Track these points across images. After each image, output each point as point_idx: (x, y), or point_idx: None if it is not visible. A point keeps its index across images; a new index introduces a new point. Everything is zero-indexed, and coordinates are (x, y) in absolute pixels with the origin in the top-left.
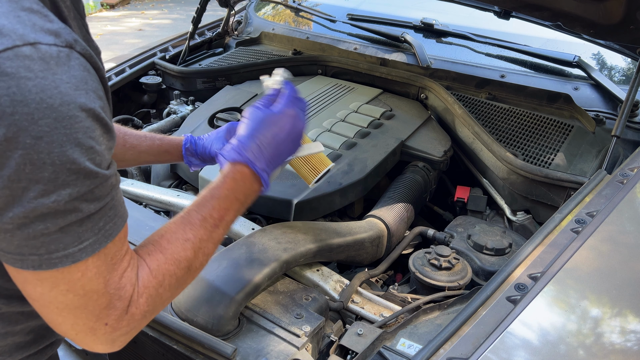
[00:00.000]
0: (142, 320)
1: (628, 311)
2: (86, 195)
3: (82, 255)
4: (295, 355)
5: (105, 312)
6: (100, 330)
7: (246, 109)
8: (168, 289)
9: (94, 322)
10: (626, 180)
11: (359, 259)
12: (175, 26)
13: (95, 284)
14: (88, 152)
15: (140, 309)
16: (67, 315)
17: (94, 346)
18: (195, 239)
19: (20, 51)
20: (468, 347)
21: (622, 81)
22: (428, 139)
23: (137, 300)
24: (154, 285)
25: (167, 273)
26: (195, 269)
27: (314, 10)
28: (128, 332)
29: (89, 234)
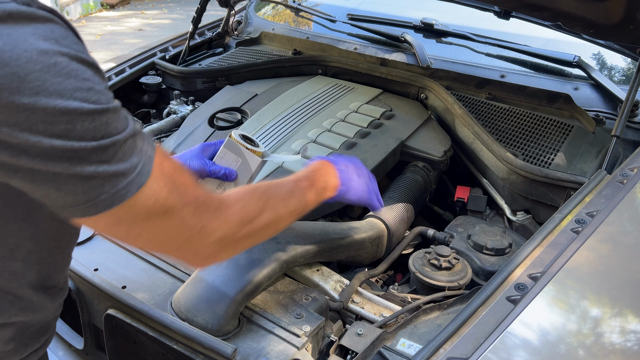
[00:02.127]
0: (239, 226)
1: (628, 311)
2: (107, 129)
3: (142, 179)
4: (295, 355)
5: (194, 218)
6: (196, 238)
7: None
8: (266, 207)
9: (187, 230)
10: (626, 180)
11: (359, 259)
12: (175, 26)
13: (173, 198)
14: (89, 94)
15: (236, 213)
16: (162, 233)
17: (196, 256)
18: (291, 188)
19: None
20: (468, 347)
21: (622, 81)
22: (428, 139)
23: (229, 205)
24: (252, 197)
25: (265, 193)
26: (290, 210)
27: (314, 10)
28: (226, 238)
29: (135, 159)
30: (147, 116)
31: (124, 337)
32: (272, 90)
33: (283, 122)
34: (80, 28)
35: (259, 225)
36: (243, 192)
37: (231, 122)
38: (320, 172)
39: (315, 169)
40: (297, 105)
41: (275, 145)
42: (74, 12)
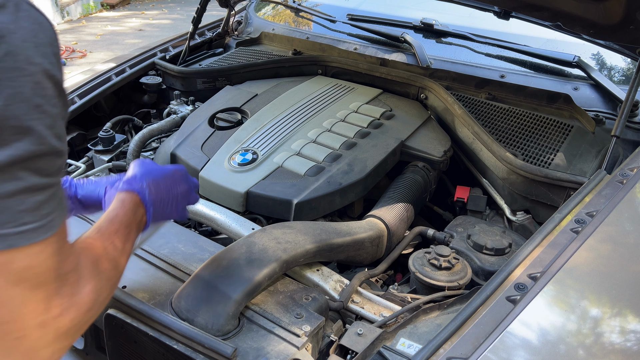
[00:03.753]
0: (87, 313)
1: (628, 311)
2: (29, 163)
3: (20, 241)
4: (295, 355)
5: (56, 300)
6: (50, 326)
7: (134, 161)
8: (105, 283)
9: (44, 313)
10: (626, 180)
11: (359, 258)
12: (175, 26)
13: (44, 266)
14: (35, 111)
15: (87, 298)
16: (12, 306)
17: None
18: (114, 245)
19: None
20: (468, 347)
21: (622, 81)
22: (428, 139)
23: (83, 288)
24: (95, 273)
25: (102, 265)
26: (120, 272)
27: (314, 11)
28: (74, 328)
29: (31, 216)
30: (147, 116)
31: (124, 337)
32: (272, 91)
33: (283, 122)
34: (81, 28)
35: (98, 307)
36: (89, 263)
37: (231, 122)
38: (134, 214)
39: (126, 212)
40: (297, 105)
41: (275, 145)
42: (74, 12)
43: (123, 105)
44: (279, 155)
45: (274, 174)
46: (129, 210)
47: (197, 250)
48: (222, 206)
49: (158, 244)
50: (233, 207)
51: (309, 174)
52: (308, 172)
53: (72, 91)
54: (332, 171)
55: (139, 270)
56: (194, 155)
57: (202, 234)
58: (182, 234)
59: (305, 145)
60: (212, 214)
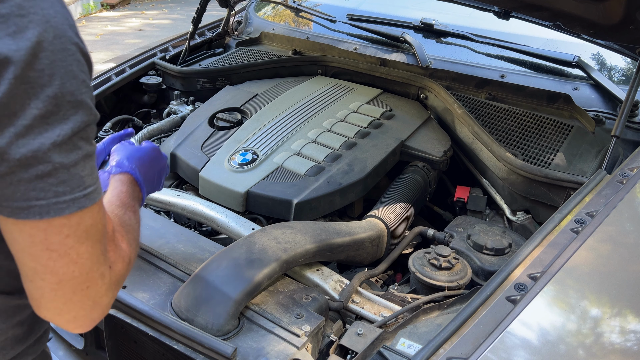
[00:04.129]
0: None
1: (628, 311)
2: (83, 133)
3: (88, 202)
4: (295, 355)
5: (111, 252)
6: (107, 277)
7: (115, 146)
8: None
9: (104, 265)
10: (626, 180)
11: (359, 258)
12: (175, 26)
13: (100, 224)
14: (82, 85)
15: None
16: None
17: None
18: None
19: None
20: (468, 347)
21: (621, 81)
22: (428, 139)
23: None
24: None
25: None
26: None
27: (314, 11)
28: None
29: (90, 179)
30: (147, 116)
31: (124, 337)
32: (272, 91)
33: (283, 122)
34: (81, 28)
35: (133, 261)
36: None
37: (231, 122)
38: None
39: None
40: (297, 105)
41: (275, 145)
42: (74, 12)
43: (123, 105)
44: (279, 155)
45: (274, 174)
46: (129, 187)
47: (197, 250)
48: (222, 206)
49: (158, 244)
50: (233, 207)
51: (309, 174)
52: (308, 172)
53: None
54: (332, 171)
55: (139, 270)
56: (194, 155)
57: (202, 234)
58: (182, 234)
59: (305, 145)
60: (212, 214)
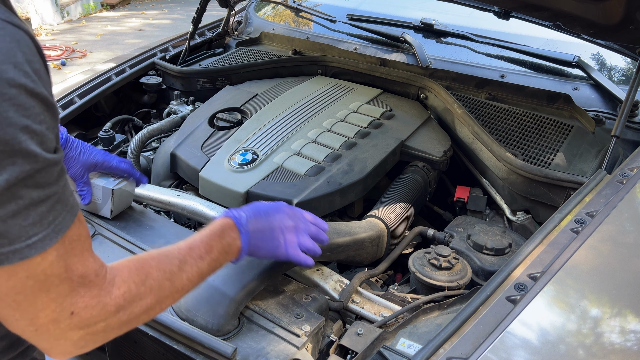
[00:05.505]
0: (115, 314)
1: (628, 311)
2: (27, 181)
3: (31, 252)
4: (295, 355)
5: (70, 300)
6: (64, 322)
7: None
8: (149, 292)
9: (56, 311)
10: (626, 180)
11: (359, 258)
12: (175, 26)
13: (60, 271)
14: (24, 131)
15: (115, 300)
16: (27, 307)
17: (56, 344)
18: (183, 260)
19: None
20: (468, 346)
21: (622, 81)
22: (428, 139)
23: (111, 290)
24: (135, 281)
25: (150, 276)
26: (177, 288)
27: (314, 11)
28: (97, 326)
29: (36, 228)
30: (147, 116)
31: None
32: (272, 91)
33: (283, 122)
34: (81, 28)
35: (138, 311)
36: (130, 271)
37: (231, 122)
38: (220, 235)
39: (214, 232)
40: (297, 105)
41: (275, 145)
42: (74, 12)
43: (123, 105)
44: (279, 155)
45: (274, 174)
46: (215, 233)
47: None
48: (222, 206)
49: (158, 244)
50: (233, 207)
51: (309, 174)
52: (308, 172)
53: (72, 91)
54: (332, 171)
55: None
56: (194, 155)
57: None
58: (182, 234)
59: (305, 145)
60: (212, 214)
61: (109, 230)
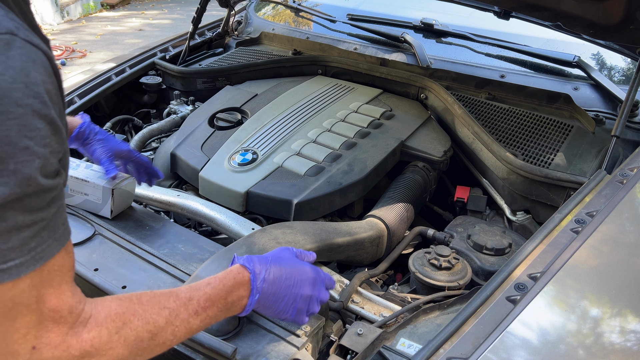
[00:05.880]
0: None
1: (628, 311)
2: (15, 204)
3: (4, 277)
4: (295, 355)
5: (34, 333)
6: (23, 356)
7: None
8: (122, 343)
9: (17, 343)
10: (626, 180)
11: (359, 258)
12: (175, 26)
13: (26, 298)
14: (23, 153)
15: (82, 344)
16: None
17: None
18: (174, 312)
19: None
20: (468, 346)
21: (622, 81)
22: (428, 139)
23: (80, 332)
24: (110, 327)
25: (129, 324)
26: (158, 343)
27: (314, 11)
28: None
29: (14, 253)
30: (147, 116)
31: None
32: (272, 91)
33: (283, 122)
34: (81, 28)
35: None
36: (107, 315)
37: (231, 122)
38: (228, 291)
39: (223, 286)
40: (297, 105)
41: (275, 145)
42: (74, 12)
43: (123, 105)
44: (279, 155)
45: (274, 174)
46: (224, 287)
47: (197, 250)
48: (222, 206)
49: (158, 244)
50: (233, 207)
51: (309, 174)
52: (308, 172)
53: (72, 91)
54: (332, 171)
55: (139, 270)
56: (194, 155)
57: (202, 234)
58: (182, 234)
59: (305, 145)
60: (212, 214)
61: (109, 230)
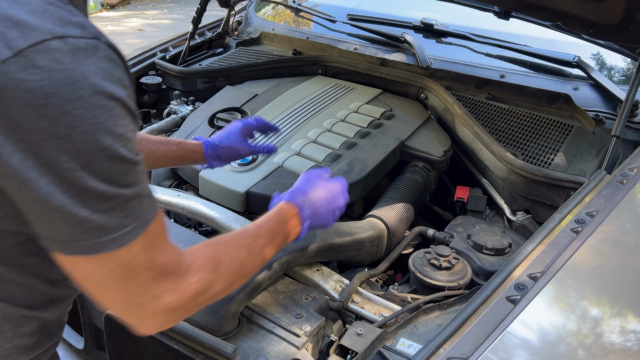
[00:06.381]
0: (192, 299)
1: (628, 311)
2: (121, 180)
3: (126, 240)
4: (295, 355)
5: (152, 285)
6: (148, 305)
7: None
8: (221, 277)
9: (141, 296)
10: (626, 180)
11: (359, 258)
12: (175, 26)
13: (144, 260)
14: (119, 139)
15: (193, 286)
16: (117, 291)
17: (142, 322)
18: (250, 247)
19: (50, 45)
20: (468, 347)
21: (622, 81)
22: (428, 139)
23: (188, 277)
24: (208, 268)
25: (222, 263)
26: (245, 273)
27: (314, 11)
28: (176, 309)
29: (130, 219)
30: (147, 116)
31: (124, 337)
32: (272, 91)
33: (283, 122)
34: None
35: (211, 294)
36: (204, 259)
37: None
38: (283, 223)
39: (279, 219)
40: (297, 105)
41: (276, 145)
42: None
43: None
44: (279, 155)
45: (274, 174)
46: (281, 220)
47: None
48: (222, 206)
49: None
50: (233, 207)
51: None
52: None
53: None
54: (332, 171)
55: None
56: None
57: (202, 234)
58: (182, 234)
59: (305, 145)
60: (212, 214)
61: None
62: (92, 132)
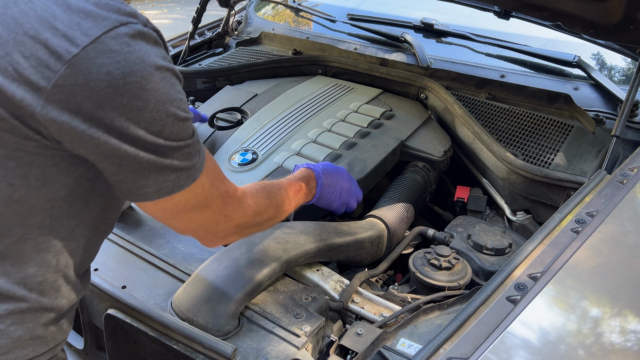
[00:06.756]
0: (253, 217)
1: (628, 311)
2: (184, 134)
3: (197, 174)
4: (295, 355)
5: (223, 207)
6: (222, 223)
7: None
8: (271, 206)
9: (217, 216)
10: (626, 180)
11: (359, 258)
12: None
13: (212, 190)
14: (181, 104)
15: (252, 207)
16: (199, 218)
17: (217, 238)
18: (287, 191)
19: (119, 30)
20: (468, 347)
21: (622, 81)
22: (428, 139)
23: (247, 199)
24: (263, 196)
25: (271, 195)
26: (284, 210)
27: (314, 10)
28: (241, 224)
29: (196, 158)
30: None
31: (124, 337)
32: (272, 90)
33: (283, 122)
34: None
35: (265, 217)
36: (256, 189)
37: (231, 122)
38: (307, 181)
39: (303, 177)
40: (297, 105)
41: (275, 145)
42: None
43: None
44: (279, 155)
45: (274, 174)
46: (304, 179)
47: (197, 250)
48: None
49: (158, 243)
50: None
51: None
52: None
53: None
54: None
55: (139, 270)
56: None
57: None
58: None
59: (305, 145)
60: None
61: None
62: (163, 101)
